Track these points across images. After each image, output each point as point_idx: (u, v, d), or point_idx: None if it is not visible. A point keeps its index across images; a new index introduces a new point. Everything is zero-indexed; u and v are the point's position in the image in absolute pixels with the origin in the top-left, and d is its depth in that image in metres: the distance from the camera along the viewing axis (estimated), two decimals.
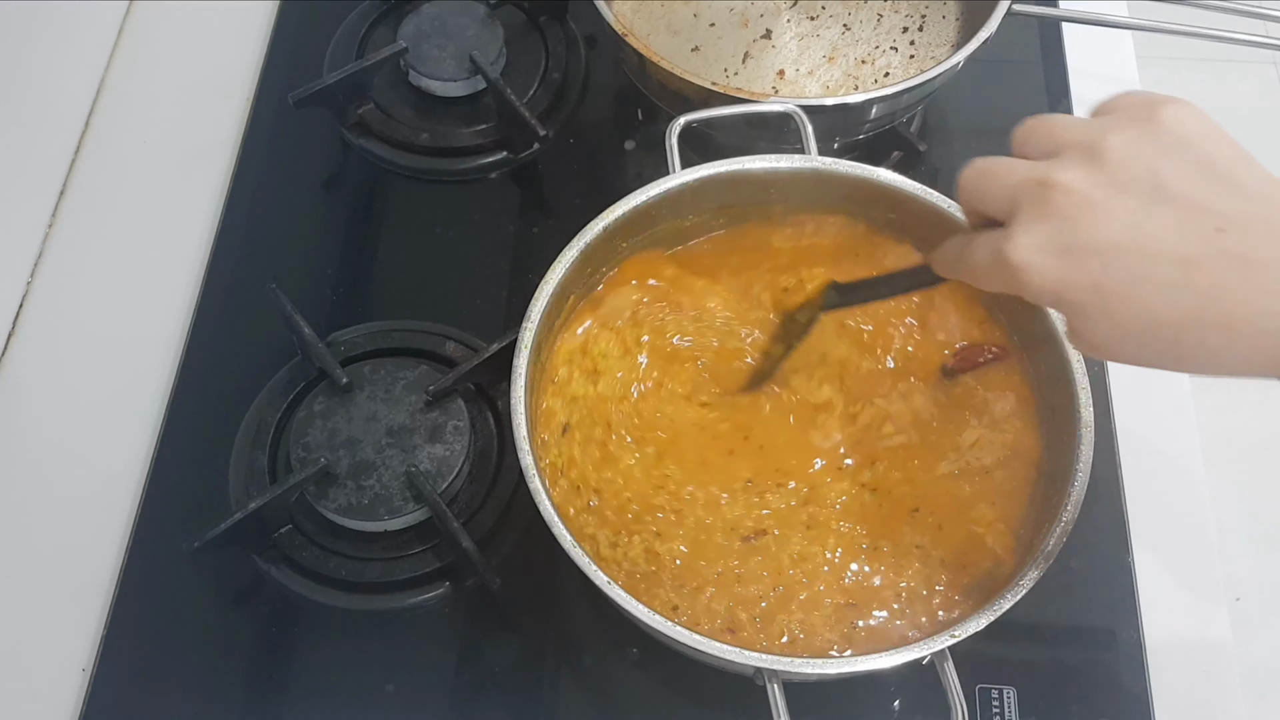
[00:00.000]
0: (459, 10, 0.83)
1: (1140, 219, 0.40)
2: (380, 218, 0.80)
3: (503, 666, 0.64)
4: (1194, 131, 0.42)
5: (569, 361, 0.63)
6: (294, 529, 0.66)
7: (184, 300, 0.76)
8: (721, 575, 0.58)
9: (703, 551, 0.59)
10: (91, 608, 0.65)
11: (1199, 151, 0.41)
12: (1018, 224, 0.43)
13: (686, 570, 0.58)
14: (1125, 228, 0.40)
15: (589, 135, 0.83)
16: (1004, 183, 0.44)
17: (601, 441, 0.61)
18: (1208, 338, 0.40)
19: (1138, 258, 0.40)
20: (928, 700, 0.62)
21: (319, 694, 0.63)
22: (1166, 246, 0.40)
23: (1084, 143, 0.43)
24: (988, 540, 0.58)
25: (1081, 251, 0.41)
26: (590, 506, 0.60)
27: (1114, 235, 0.41)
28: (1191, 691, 0.63)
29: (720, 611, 0.57)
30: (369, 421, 0.67)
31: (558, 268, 0.61)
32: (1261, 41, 0.78)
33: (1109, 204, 0.41)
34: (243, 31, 0.88)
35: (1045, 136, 0.45)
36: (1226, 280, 0.39)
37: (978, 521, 0.59)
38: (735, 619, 0.57)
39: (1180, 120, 0.42)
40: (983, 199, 0.46)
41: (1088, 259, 0.41)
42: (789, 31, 0.80)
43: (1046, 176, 0.42)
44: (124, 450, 0.70)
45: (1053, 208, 0.42)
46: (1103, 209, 0.41)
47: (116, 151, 0.83)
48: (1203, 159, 0.41)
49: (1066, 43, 0.87)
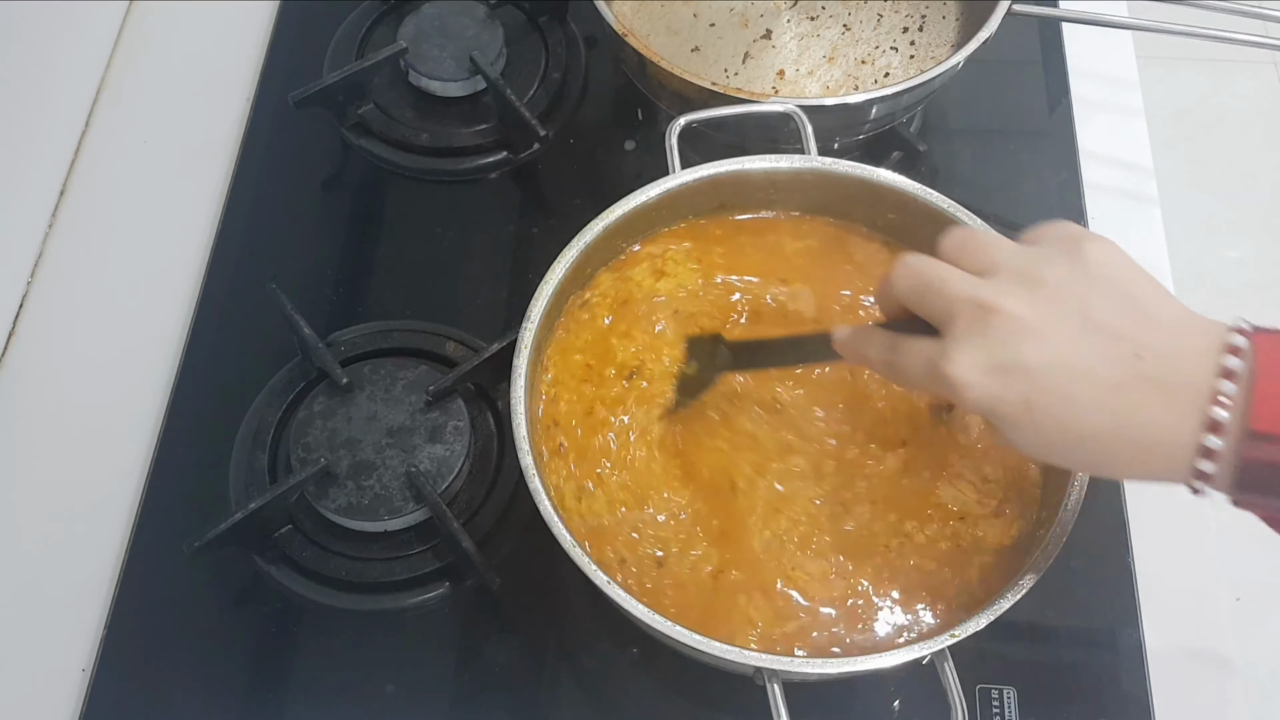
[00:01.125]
0: (459, 10, 0.83)
1: (1070, 345, 0.44)
2: (380, 218, 0.80)
3: (503, 666, 0.64)
4: (1115, 269, 0.46)
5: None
6: (294, 529, 0.66)
7: (184, 300, 0.76)
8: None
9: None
10: (91, 608, 0.65)
11: (1120, 287, 0.46)
12: (955, 340, 0.46)
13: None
14: (1058, 351, 0.44)
15: (589, 135, 0.83)
16: (944, 294, 0.47)
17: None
18: (1124, 451, 0.45)
19: (1066, 378, 0.44)
20: (928, 700, 0.62)
21: (319, 694, 0.63)
22: (1093, 370, 0.44)
23: (1021, 270, 0.46)
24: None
25: (1015, 371, 0.45)
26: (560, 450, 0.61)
27: (1047, 358, 0.44)
28: (1191, 691, 0.63)
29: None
30: (369, 421, 0.67)
31: (558, 268, 0.61)
32: (1261, 41, 0.78)
33: (1045, 330, 0.45)
34: (243, 31, 0.88)
35: (981, 253, 0.48)
36: (1142, 402, 0.44)
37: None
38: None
39: (1104, 258, 0.46)
40: (920, 304, 0.49)
41: (1020, 378, 0.45)
42: (789, 31, 0.80)
43: (989, 300, 0.46)
44: (124, 450, 0.70)
45: (992, 330, 0.45)
46: (1039, 334, 0.45)
47: (116, 151, 0.83)
48: (1124, 293, 0.45)
49: (1066, 43, 0.87)
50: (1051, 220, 0.49)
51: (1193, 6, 0.78)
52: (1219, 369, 0.43)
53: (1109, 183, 0.80)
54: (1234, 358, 0.43)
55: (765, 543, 0.58)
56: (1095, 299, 0.45)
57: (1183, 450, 0.44)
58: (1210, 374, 0.43)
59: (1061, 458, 0.47)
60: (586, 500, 0.59)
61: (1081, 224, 0.78)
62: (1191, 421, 0.43)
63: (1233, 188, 1.78)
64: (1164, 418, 0.44)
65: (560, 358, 0.64)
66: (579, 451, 0.61)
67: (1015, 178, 0.82)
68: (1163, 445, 0.44)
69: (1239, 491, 0.44)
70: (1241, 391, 0.43)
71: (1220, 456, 0.43)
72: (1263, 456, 0.42)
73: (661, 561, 0.58)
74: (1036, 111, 0.85)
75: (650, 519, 0.59)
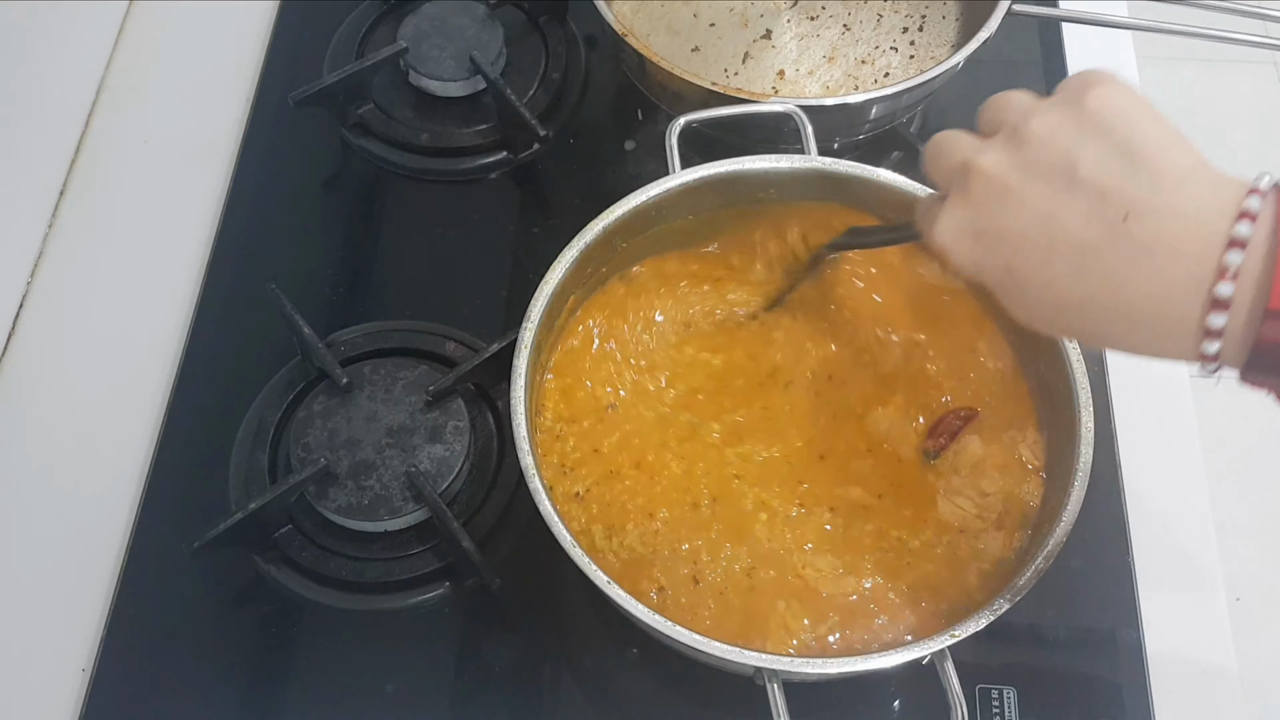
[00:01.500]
0: (459, 10, 0.83)
1: (1049, 205, 0.41)
2: (380, 218, 0.80)
3: (503, 666, 0.64)
4: (1118, 113, 0.41)
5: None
6: (294, 529, 0.66)
7: (184, 300, 0.76)
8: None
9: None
10: (91, 608, 0.65)
11: (1119, 135, 0.41)
12: (946, 203, 0.45)
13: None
14: (1033, 215, 0.41)
15: (589, 135, 0.83)
16: (945, 161, 0.46)
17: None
18: (1109, 323, 0.41)
19: (1043, 244, 0.41)
20: (928, 700, 0.62)
21: (319, 694, 0.63)
22: (1071, 234, 0.41)
23: (1013, 124, 0.44)
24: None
25: (992, 236, 0.43)
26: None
27: (1021, 223, 0.42)
28: (1191, 691, 0.63)
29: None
30: (369, 421, 0.67)
31: (558, 268, 0.61)
32: (1261, 41, 0.78)
33: (1020, 190, 0.42)
34: (243, 31, 0.88)
35: (995, 113, 0.46)
36: (1125, 269, 0.40)
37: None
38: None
39: (1106, 102, 0.42)
40: (932, 172, 0.48)
41: (997, 243, 0.43)
42: (789, 31, 0.80)
43: (972, 160, 0.44)
44: (124, 450, 0.70)
45: (970, 192, 0.43)
46: (1014, 195, 0.42)
47: (116, 151, 0.83)
48: (1121, 142, 0.41)
49: (1066, 43, 0.87)
50: (1085, 69, 0.44)
51: (1193, 6, 0.78)
52: (1226, 237, 0.38)
53: None
54: (1246, 223, 0.37)
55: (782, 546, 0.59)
56: (1084, 150, 0.41)
57: (1183, 328, 0.39)
58: (1215, 242, 0.38)
59: (1053, 327, 0.44)
60: (617, 537, 0.59)
61: None
62: (1192, 297, 0.38)
63: None
64: (1156, 290, 0.39)
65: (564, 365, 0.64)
66: (597, 478, 0.61)
67: None
68: (1157, 322, 0.40)
69: (1252, 373, 0.39)
70: (1256, 264, 0.37)
71: (1229, 336, 0.38)
72: (1277, 336, 0.37)
73: (697, 576, 0.58)
74: None
75: (674, 525, 0.59)
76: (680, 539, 0.59)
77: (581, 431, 0.62)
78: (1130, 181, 0.40)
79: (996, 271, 0.43)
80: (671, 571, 0.58)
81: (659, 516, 0.60)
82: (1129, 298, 0.40)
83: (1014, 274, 0.43)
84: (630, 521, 0.60)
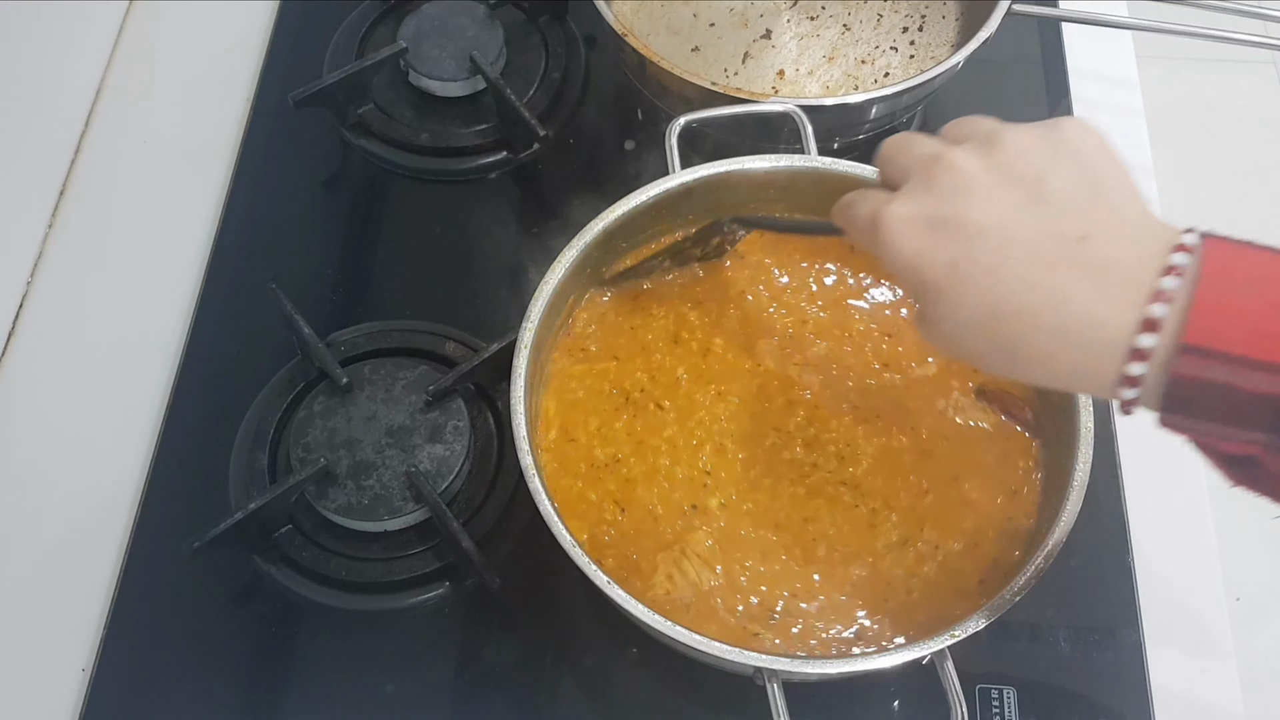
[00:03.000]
0: (459, 10, 0.83)
1: (1013, 211, 0.42)
2: (380, 218, 0.80)
3: (503, 666, 0.64)
4: (1087, 147, 0.43)
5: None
6: (294, 529, 0.66)
7: (184, 300, 0.76)
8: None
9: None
10: (91, 608, 0.65)
11: (1089, 166, 0.43)
12: (903, 190, 0.44)
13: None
14: (996, 214, 0.42)
15: (589, 135, 0.83)
16: (909, 154, 0.46)
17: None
18: (1047, 342, 0.41)
19: (998, 246, 0.41)
20: (928, 700, 0.62)
21: (319, 694, 0.63)
22: (1027, 242, 0.41)
23: (987, 134, 0.44)
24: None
25: (948, 226, 0.42)
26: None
27: (982, 218, 0.42)
28: (1191, 691, 0.63)
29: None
30: (369, 421, 0.67)
31: (558, 268, 0.61)
32: (1261, 41, 0.78)
33: (989, 190, 0.42)
34: (243, 31, 0.88)
35: (965, 126, 0.46)
36: (1077, 288, 0.40)
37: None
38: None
39: (1082, 136, 0.43)
40: (886, 164, 0.47)
41: (952, 237, 0.42)
42: (789, 31, 0.80)
43: (942, 152, 0.44)
44: (124, 450, 0.70)
45: (936, 182, 0.43)
46: (981, 192, 0.42)
47: (116, 151, 0.83)
48: (1089, 173, 0.42)
49: (1066, 43, 0.87)
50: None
51: (1193, 6, 0.79)
52: (1163, 266, 0.39)
53: None
54: (1182, 254, 0.39)
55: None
56: (1056, 169, 0.42)
57: (1112, 350, 0.40)
58: (1154, 270, 0.39)
59: (975, 343, 0.43)
60: (678, 575, 0.58)
61: None
62: (1127, 318, 0.39)
63: (1233, 188, 1.79)
64: (1098, 309, 0.40)
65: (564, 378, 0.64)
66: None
67: None
68: (1091, 339, 0.40)
69: (1166, 410, 0.40)
70: (1183, 294, 0.39)
71: (1152, 361, 0.39)
72: (1193, 373, 0.38)
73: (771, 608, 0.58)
74: (1036, 111, 0.85)
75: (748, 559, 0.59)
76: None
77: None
78: (1091, 206, 0.42)
79: (939, 268, 0.42)
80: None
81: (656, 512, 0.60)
82: (1073, 313, 0.40)
83: (957, 274, 0.42)
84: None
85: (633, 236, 0.65)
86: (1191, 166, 1.79)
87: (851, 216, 0.48)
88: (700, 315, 0.66)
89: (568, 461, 0.62)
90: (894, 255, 0.44)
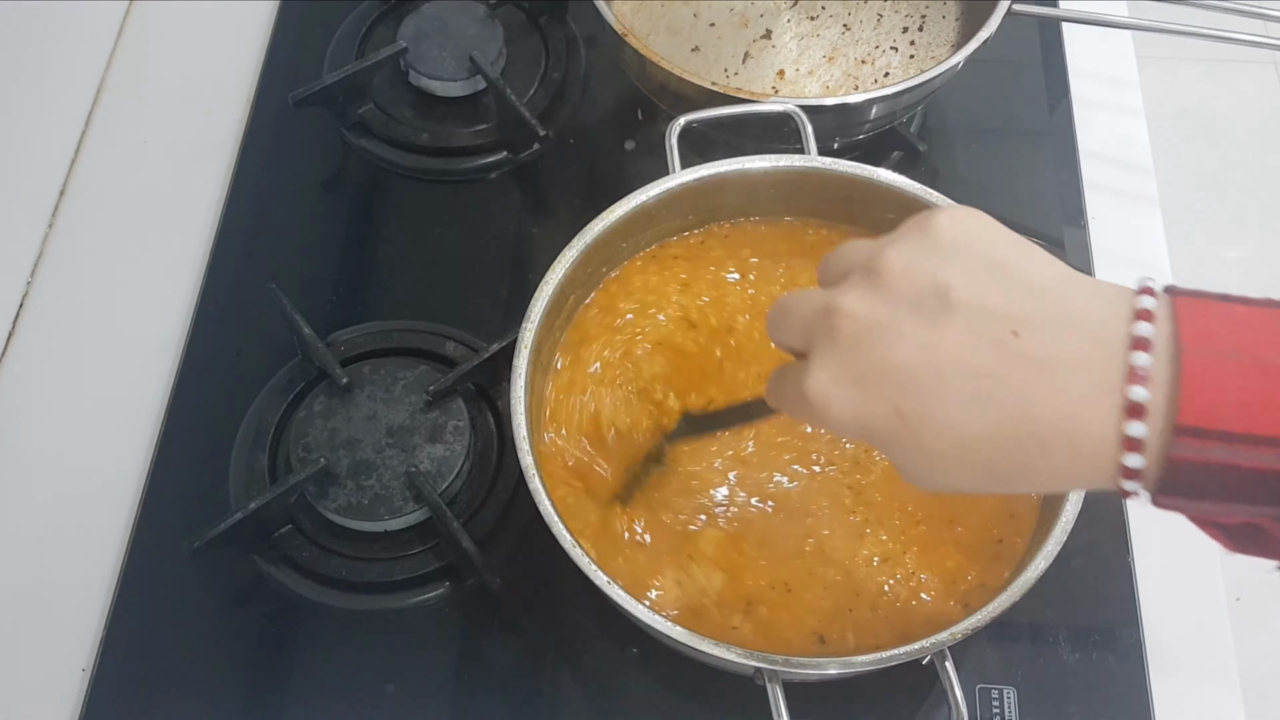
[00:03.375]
0: (459, 10, 0.83)
1: (929, 335, 0.38)
2: (380, 218, 0.80)
3: (503, 666, 0.64)
4: (971, 234, 0.39)
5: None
6: (294, 529, 0.66)
7: (184, 300, 0.76)
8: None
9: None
10: (91, 608, 0.65)
11: (980, 254, 0.39)
12: (812, 358, 0.41)
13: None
14: (915, 346, 0.38)
15: (589, 135, 0.83)
16: (798, 316, 0.42)
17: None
18: (1022, 452, 0.37)
19: (932, 377, 0.37)
20: (928, 700, 0.62)
21: (319, 694, 0.63)
22: (960, 360, 0.37)
23: (864, 262, 0.40)
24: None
25: (874, 377, 0.38)
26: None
27: (904, 356, 0.38)
28: (1191, 691, 0.63)
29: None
30: (369, 421, 0.67)
31: (558, 268, 0.61)
32: (1261, 41, 0.78)
33: (894, 323, 0.38)
34: (243, 31, 0.88)
35: (837, 263, 0.43)
36: (1027, 388, 0.36)
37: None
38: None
39: (955, 225, 0.39)
40: (781, 335, 0.44)
41: (882, 384, 0.38)
42: (789, 31, 0.80)
43: (830, 303, 0.40)
44: (124, 450, 0.70)
45: (839, 335, 0.39)
46: (890, 329, 0.38)
47: (116, 151, 0.83)
48: (986, 260, 0.38)
49: (1066, 43, 0.87)
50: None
51: (1193, 6, 0.78)
52: (1129, 339, 0.35)
53: (1109, 182, 0.80)
54: (1146, 324, 0.35)
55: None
56: (951, 273, 0.38)
57: (1100, 446, 0.36)
58: (1116, 347, 0.35)
59: (959, 474, 0.39)
60: (687, 581, 0.58)
61: (1081, 224, 0.78)
62: (1103, 408, 0.35)
63: (1233, 188, 1.79)
64: (1065, 407, 0.36)
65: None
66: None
67: (1015, 178, 0.82)
68: (1072, 442, 0.36)
69: (1162, 494, 0.36)
70: (1163, 369, 0.35)
71: (1146, 450, 0.35)
72: (1192, 456, 0.34)
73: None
74: (1036, 111, 0.85)
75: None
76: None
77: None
78: (1009, 296, 0.37)
79: (887, 419, 0.38)
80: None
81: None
82: (1038, 418, 0.36)
83: (907, 419, 0.38)
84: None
85: (633, 236, 0.65)
86: (1191, 166, 1.79)
87: (780, 399, 0.46)
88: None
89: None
90: (836, 424, 0.40)
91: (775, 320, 0.45)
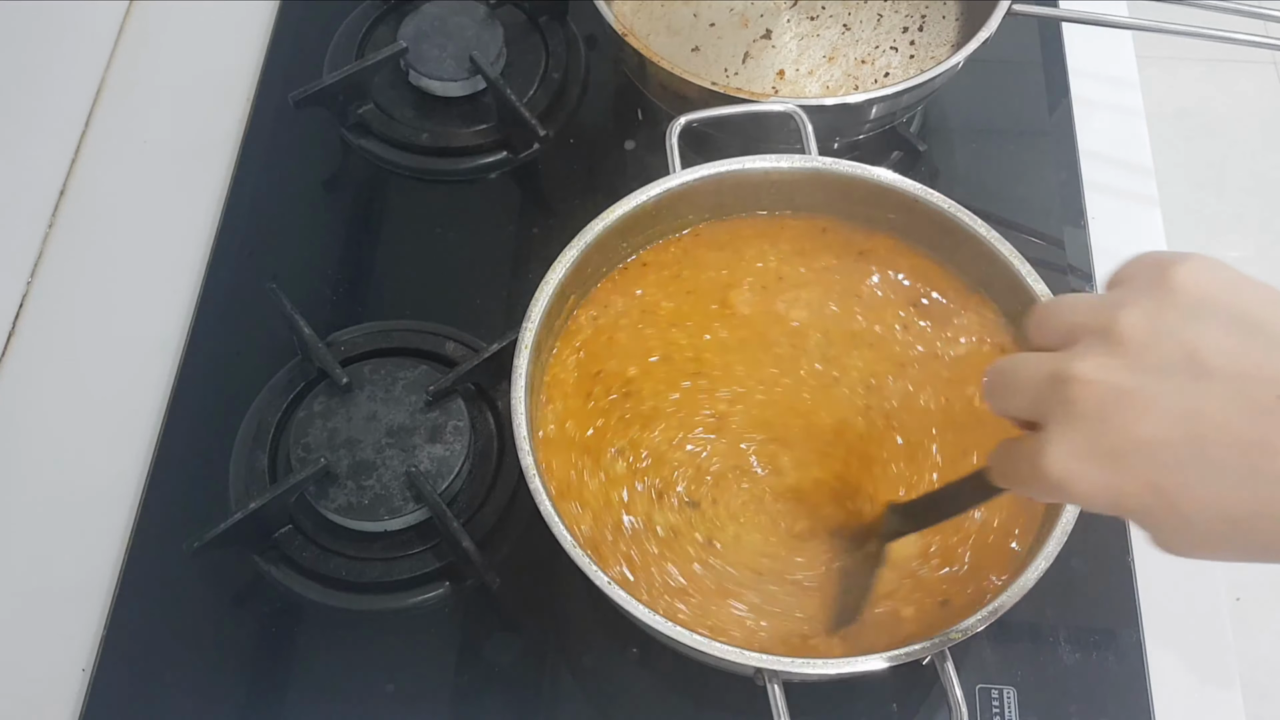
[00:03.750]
0: (459, 10, 0.83)
1: (1185, 404, 0.35)
2: (380, 218, 0.80)
3: (503, 666, 0.64)
4: (1215, 287, 0.37)
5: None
6: (294, 529, 0.66)
7: (184, 300, 0.76)
8: None
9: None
10: (91, 608, 0.65)
11: (1226, 310, 0.36)
12: (1049, 431, 0.38)
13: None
14: (1170, 418, 0.35)
15: (589, 135, 0.83)
16: (1027, 383, 0.39)
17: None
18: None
19: (1192, 449, 0.35)
20: (928, 700, 0.62)
21: (319, 694, 0.63)
22: (1225, 431, 0.35)
23: (1097, 325, 0.38)
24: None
25: (1125, 452, 0.36)
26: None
27: (1157, 429, 0.35)
28: (1191, 691, 0.63)
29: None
30: (369, 421, 0.67)
31: (558, 268, 0.61)
32: (1261, 41, 0.78)
33: (1143, 393, 0.36)
34: (243, 31, 0.88)
35: (1057, 321, 0.40)
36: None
37: None
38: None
39: (1196, 277, 0.37)
40: (1006, 404, 0.41)
41: (1134, 459, 0.36)
42: (789, 31, 0.80)
43: (1063, 370, 0.37)
44: (124, 450, 0.70)
45: (1080, 407, 0.37)
46: (1138, 400, 0.36)
47: (116, 151, 0.83)
48: (1235, 317, 0.36)
49: (1066, 43, 0.87)
50: (1136, 255, 0.40)
51: (1193, 6, 0.78)
52: None
53: (1109, 183, 0.80)
54: None
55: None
56: (1200, 335, 0.35)
57: None
58: None
59: (1228, 548, 0.36)
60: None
61: (1081, 224, 0.78)
62: None
63: (1233, 188, 1.79)
64: None
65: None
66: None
67: (1015, 178, 0.82)
68: None
69: None
70: None
71: None
72: None
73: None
74: (1036, 111, 0.85)
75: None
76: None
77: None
78: (1270, 357, 0.35)
79: (1141, 495, 0.36)
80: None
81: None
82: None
83: (1164, 494, 0.35)
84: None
85: (633, 236, 0.65)
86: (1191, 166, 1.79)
87: (1012, 476, 0.42)
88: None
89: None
90: (1086, 502, 0.38)
91: (997, 387, 0.42)
